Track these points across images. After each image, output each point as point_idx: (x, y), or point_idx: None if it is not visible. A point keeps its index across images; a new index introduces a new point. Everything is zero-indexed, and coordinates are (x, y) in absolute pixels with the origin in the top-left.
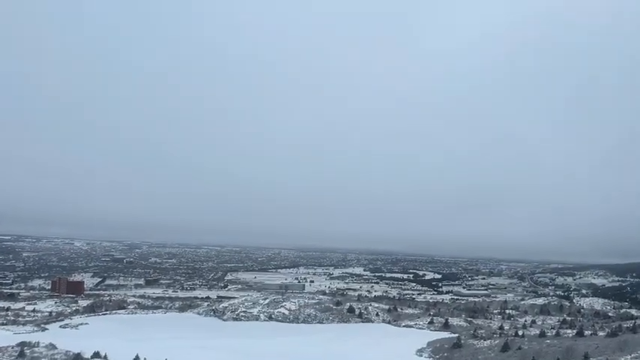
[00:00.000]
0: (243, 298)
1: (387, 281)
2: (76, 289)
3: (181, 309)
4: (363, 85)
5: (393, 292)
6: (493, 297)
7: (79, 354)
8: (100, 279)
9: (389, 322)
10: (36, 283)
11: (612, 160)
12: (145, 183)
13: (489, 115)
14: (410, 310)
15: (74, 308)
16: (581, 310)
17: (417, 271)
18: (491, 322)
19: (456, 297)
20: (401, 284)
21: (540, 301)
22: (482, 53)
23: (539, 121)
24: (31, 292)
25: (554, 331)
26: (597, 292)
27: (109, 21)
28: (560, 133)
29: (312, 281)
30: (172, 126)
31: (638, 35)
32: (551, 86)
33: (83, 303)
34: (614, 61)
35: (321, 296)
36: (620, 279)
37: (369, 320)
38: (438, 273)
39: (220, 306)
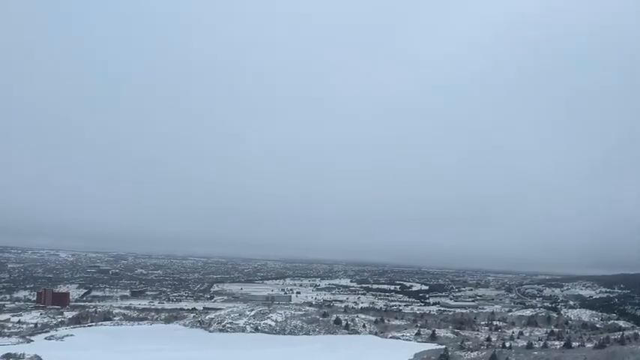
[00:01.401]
0: (230, 310)
1: (373, 292)
2: (62, 300)
3: (167, 320)
4: (355, 94)
5: (380, 304)
6: (480, 308)
7: None
8: (86, 290)
9: (375, 334)
10: (21, 294)
11: (612, 161)
12: (131, 194)
13: (482, 123)
14: (397, 322)
15: (60, 319)
16: (569, 321)
17: (404, 283)
18: (478, 334)
19: (443, 308)
20: (388, 295)
21: (528, 312)
22: (482, 55)
23: (539, 122)
24: (16, 303)
25: (541, 343)
26: (585, 303)
27: (99, 30)
28: (559, 133)
29: (298, 292)
30: (160, 138)
31: (638, 35)
32: (551, 86)
33: (69, 314)
34: (614, 61)
35: (307, 307)
36: (607, 290)
37: (355, 332)
38: (425, 284)
39: (206, 317)
